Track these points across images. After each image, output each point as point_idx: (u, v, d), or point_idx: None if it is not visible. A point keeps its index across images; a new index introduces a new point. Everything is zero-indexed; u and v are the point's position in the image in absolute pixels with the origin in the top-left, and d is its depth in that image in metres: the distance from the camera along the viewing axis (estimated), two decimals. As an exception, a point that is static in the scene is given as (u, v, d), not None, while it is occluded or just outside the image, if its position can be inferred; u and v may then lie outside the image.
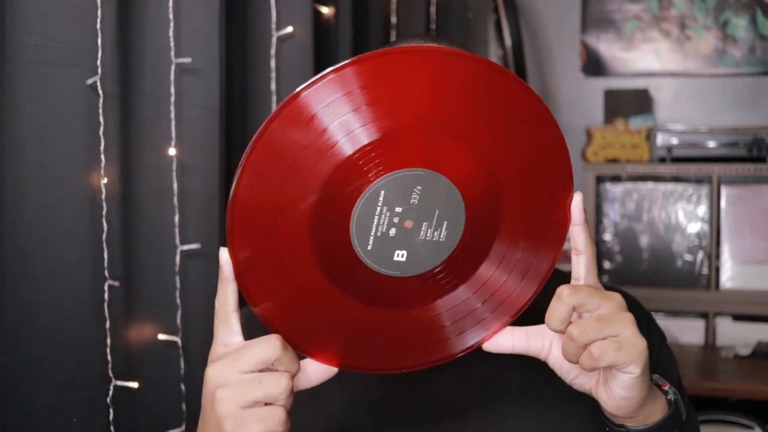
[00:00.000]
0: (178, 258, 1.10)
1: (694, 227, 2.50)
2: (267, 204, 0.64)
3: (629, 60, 2.75)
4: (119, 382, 1.02)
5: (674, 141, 2.54)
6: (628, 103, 2.66)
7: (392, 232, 0.65)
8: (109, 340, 1.01)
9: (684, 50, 2.70)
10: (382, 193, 0.63)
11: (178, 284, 1.11)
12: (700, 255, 2.49)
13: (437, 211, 0.65)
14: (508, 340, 0.71)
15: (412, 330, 0.71)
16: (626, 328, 0.66)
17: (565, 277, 0.71)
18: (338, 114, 0.61)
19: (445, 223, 0.65)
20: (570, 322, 0.66)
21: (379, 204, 0.64)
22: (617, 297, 0.67)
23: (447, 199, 0.64)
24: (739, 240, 2.47)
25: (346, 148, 0.62)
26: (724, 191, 2.49)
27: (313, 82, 0.61)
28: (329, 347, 0.69)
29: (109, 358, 1.01)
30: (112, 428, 1.02)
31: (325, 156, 0.62)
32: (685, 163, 2.50)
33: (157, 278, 1.10)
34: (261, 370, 0.64)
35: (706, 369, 2.20)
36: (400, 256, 0.66)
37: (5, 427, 0.91)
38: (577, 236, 0.69)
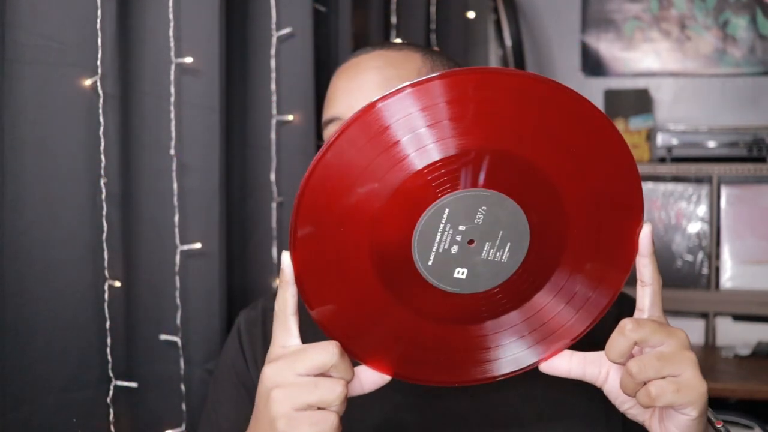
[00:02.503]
0: (178, 258, 1.10)
1: (694, 227, 2.50)
2: (332, 211, 0.63)
3: (629, 60, 2.75)
4: (119, 382, 1.02)
5: (674, 141, 2.54)
6: (628, 103, 2.66)
7: (454, 249, 0.64)
8: (109, 340, 1.01)
9: (684, 50, 2.70)
10: (447, 210, 0.63)
11: (178, 284, 1.11)
12: (700, 255, 2.49)
13: (501, 232, 0.64)
14: (564, 363, 0.70)
15: (465, 346, 0.70)
16: (688, 368, 0.64)
17: (631, 304, 0.70)
18: (414, 127, 0.61)
19: (509, 244, 0.64)
20: (631, 355, 0.65)
21: (443, 221, 0.63)
22: (682, 335, 0.66)
23: (512, 221, 0.64)
24: (739, 240, 2.47)
25: (417, 162, 0.62)
26: (724, 191, 2.49)
27: (395, 92, 0.60)
28: (383, 356, 0.69)
29: (109, 358, 1.01)
30: (112, 428, 1.02)
31: (393, 168, 0.62)
32: (685, 163, 2.50)
33: (157, 278, 1.10)
34: (316, 375, 0.65)
35: (706, 369, 2.19)
36: (460, 273, 0.65)
37: (5, 427, 0.91)
38: (644, 268, 0.67)
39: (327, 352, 0.65)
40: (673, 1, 2.69)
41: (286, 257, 0.66)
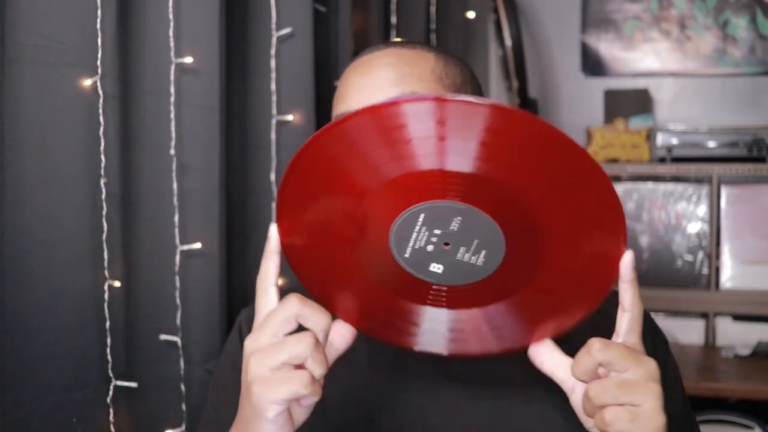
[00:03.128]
0: (178, 258, 1.11)
1: (694, 227, 2.50)
2: (323, 180, 0.66)
3: (629, 60, 2.75)
4: (119, 382, 1.02)
5: (674, 141, 2.54)
6: (628, 103, 2.66)
7: (429, 248, 0.67)
8: (109, 340, 1.01)
9: (684, 50, 2.70)
10: (422, 215, 0.65)
11: (178, 284, 1.11)
12: (700, 255, 2.49)
13: (476, 240, 0.66)
14: (541, 355, 0.71)
15: (432, 327, 0.73)
16: (648, 400, 0.64)
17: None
18: (418, 135, 0.62)
19: (484, 252, 0.66)
20: (598, 376, 0.65)
21: (418, 224, 0.65)
22: (651, 365, 0.65)
23: (487, 233, 0.65)
24: (739, 240, 2.47)
25: (413, 164, 0.63)
26: (724, 191, 2.49)
27: (421, 98, 0.60)
28: (355, 313, 0.73)
29: (109, 358, 1.01)
30: (112, 428, 1.02)
31: (395, 162, 0.64)
32: (685, 163, 2.50)
33: (157, 278, 1.10)
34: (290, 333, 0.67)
35: (706, 369, 2.20)
36: (436, 268, 0.68)
37: (5, 427, 0.91)
38: (625, 294, 0.67)
39: (288, 304, 0.66)
40: (673, 1, 2.69)
41: (273, 228, 0.69)
